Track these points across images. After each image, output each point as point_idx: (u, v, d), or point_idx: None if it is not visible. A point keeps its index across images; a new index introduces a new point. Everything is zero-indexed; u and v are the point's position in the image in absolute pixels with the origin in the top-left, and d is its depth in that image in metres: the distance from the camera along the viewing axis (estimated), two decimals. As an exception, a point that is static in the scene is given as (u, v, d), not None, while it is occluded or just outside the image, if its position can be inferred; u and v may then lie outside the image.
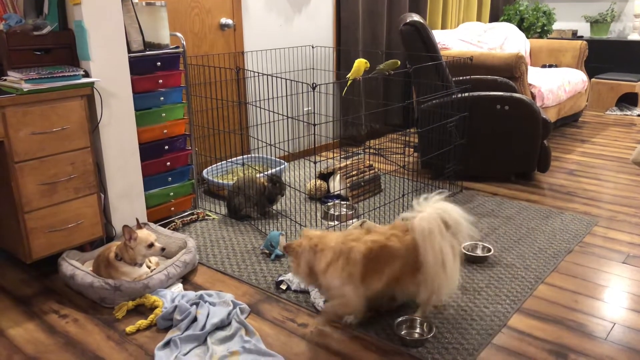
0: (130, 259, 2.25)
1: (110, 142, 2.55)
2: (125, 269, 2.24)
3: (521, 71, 3.91)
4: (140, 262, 2.28)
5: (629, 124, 5.21)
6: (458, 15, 5.47)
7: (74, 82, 2.30)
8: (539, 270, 2.44)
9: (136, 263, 2.27)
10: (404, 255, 1.93)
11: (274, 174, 3.08)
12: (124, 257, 2.25)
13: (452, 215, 1.95)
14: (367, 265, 1.90)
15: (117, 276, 2.23)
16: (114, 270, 2.23)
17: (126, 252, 2.24)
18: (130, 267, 2.25)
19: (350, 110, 4.46)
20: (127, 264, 2.25)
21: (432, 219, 1.91)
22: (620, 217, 3.03)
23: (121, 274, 2.23)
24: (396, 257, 1.93)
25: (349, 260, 1.89)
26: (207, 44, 3.48)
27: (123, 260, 2.24)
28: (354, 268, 1.89)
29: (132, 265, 2.26)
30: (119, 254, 2.25)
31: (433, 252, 1.88)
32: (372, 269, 1.91)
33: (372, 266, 1.90)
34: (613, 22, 6.23)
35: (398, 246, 1.93)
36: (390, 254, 1.93)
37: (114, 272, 2.23)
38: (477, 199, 3.32)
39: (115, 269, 2.23)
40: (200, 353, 1.90)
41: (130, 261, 2.25)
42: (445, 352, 1.88)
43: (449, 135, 3.36)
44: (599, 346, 1.92)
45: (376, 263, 1.91)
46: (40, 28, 2.37)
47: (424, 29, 3.47)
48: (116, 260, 2.24)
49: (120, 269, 2.23)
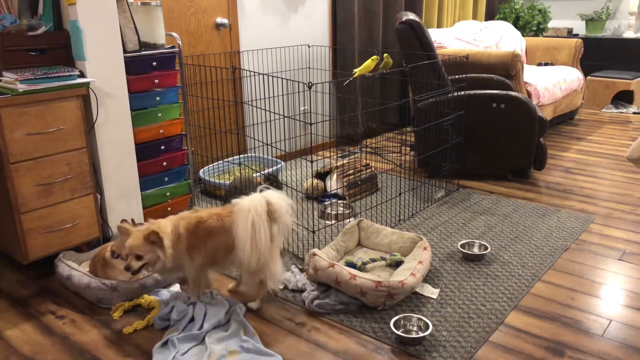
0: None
1: (106, 143, 2.54)
2: (122, 266, 2.23)
3: (517, 69, 3.92)
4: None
5: (625, 122, 5.23)
6: (454, 13, 5.47)
7: (70, 83, 2.29)
8: (536, 268, 2.45)
9: None
10: (220, 232, 2.05)
11: (271, 173, 3.07)
12: (122, 254, 2.24)
13: (277, 201, 2.02)
14: (189, 239, 2.03)
15: (113, 275, 2.22)
16: (110, 269, 2.23)
17: (123, 249, 2.24)
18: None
19: (346, 109, 4.46)
20: (124, 262, 2.24)
21: (256, 200, 2.00)
22: (617, 214, 3.05)
23: (118, 272, 2.22)
24: (213, 234, 2.05)
25: (179, 237, 2.02)
26: (203, 43, 3.48)
27: (120, 258, 2.24)
28: (181, 244, 2.03)
29: None
30: (115, 251, 2.25)
31: (244, 226, 1.96)
32: (192, 244, 2.04)
33: (194, 240, 2.04)
34: (608, 20, 6.25)
35: (216, 224, 2.06)
36: (207, 231, 2.05)
37: (111, 271, 2.23)
38: (474, 197, 3.32)
39: (111, 267, 2.23)
40: (198, 352, 1.89)
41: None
42: (443, 350, 1.88)
43: (445, 134, 3.36)
44: (596, 343, 1.92)
45: (197, 238, 2.04)
46: (35, 28, 2.37)
47: (420, 28, 3.48)
48: (113, 257, 2.24)
49: (117, 267, 2.23)
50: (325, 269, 2.16)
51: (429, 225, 2.92)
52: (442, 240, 2.74)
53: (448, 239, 2.75)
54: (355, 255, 2.57)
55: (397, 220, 2.99)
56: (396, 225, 2.93)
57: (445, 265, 2.48)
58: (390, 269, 2.41)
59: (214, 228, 2.06)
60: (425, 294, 2.24)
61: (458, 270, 2.44)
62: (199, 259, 2.07)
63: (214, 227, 2.06)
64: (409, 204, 3.23)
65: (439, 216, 3.05)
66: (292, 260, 2.55)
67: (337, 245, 2.51)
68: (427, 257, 2.33)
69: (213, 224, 2.06)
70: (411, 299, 2.20)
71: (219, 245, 2.07)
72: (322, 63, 4.32)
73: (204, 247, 2.06)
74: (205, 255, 2.07)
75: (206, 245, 2.06)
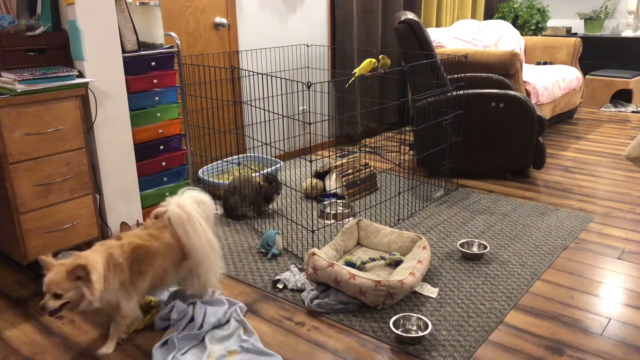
0: None
1: (105, 143, 2.54)
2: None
3: (516, 68, 3.92)
4: None
5: (624, 121, 5.23)
6: (452, 13, 5.47)
7: (68, 83, 2.29)
8: (535, 267, 2.45)
9: None
10: (166, 250, 1.94)
11: (270, 173, 3.08)
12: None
13: (203, 199, 1.99)
14: (131, 268, 1.87)
15: None
16: None
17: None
18: None
19: (345, 109, 4.46)
20: None
21: (188, 204, 1.94)
22: (615, 213, 3.05)
23: None
24: (159, 255, 1.93)
25: (116, 268, 1.83)
26: (202, 43, 3.48)
27: None
28: (123, 274, 1.84)
29: None
30: None
31: (197, 235, 1.91)
32: (136, 272, 1.88)
33: (136, 268, 1.88)
34: (607, 19, 6.25)
35: (157, 244, 1.93)
36: (150, 254, 1.91)
37: None
38: (473, 197, 3.32)
39: None
40: (198, 352, 1.89)
41: None
42: (442, 349, 1.88)
43: (444, 133, 3.36)
44: (595, 342, 1.93)
45: (139, 265, 1.88)
46: (34, 28, 2.37)
47: (419, 27, 3.48)
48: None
49: None
50: (325, 268, 2.16)
51: (428, 225, 2.92)
52: (442, 239, 2.74)
53: (447, 238, 2.75)
54: (355, 254, 2.57)
55: (396, 220, 2.99)
56: (395, 224, 2.93)
57: (444, 264, 2.48)
58: (389, 268, 2.41)
59: (157, 249, 1.92)
60: (425, 293, 2.24)
61: (457, 269, 2.44)
62: (144, 286, 1.92)
63: (157, 247, 1.93)
64: (408, 203, 3.23)
65: (438, 215, 3.05)
66: (291, 259, 2.55)
67: (337, 244, 2.51)
68: (426, 256, 2.33)
69: (155, 245, 1.92)
70: (410, 298, 2.21)
71: (168, 263, 1.96)
72: (321, 63, 4.32)
73: (151, 272, 1.92)
74: (151, 280, 1.93)
75: (154, 269, 1.92)
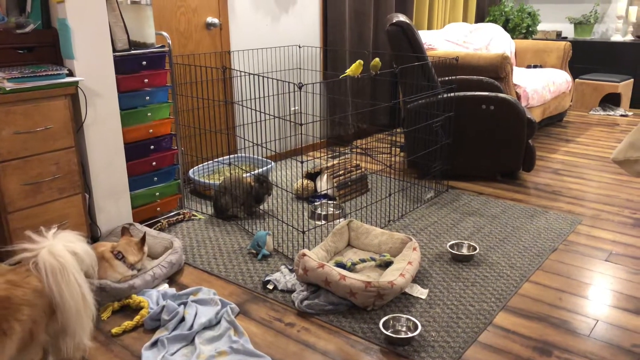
0: (133, 261, 2.27)
1: (95, 142, 2.53)
2: (121, 269, 2.24)
3: (506, 71, 3.95)
4: (137, 267, 2.30)
5: (612, 124, 5.28)
6: (444, 15, 5.50)
7: (58, 81, 2.27)
8: (524, 269, 2.46)
9: (134, 267, 2.29)
10: (33, 300, 1.57)
11: (261, 173, 3.07)
12: (127, 258, 2.26)
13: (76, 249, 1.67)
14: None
15: (108, 273, 2.21)
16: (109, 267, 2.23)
17: (133, 254, 2.27)
18: (127, 270, 2.25)
19: (337, 110, 4.46)
20: (124, 266, 2.25)
21: (62, 252, 1.62)
22: (604, 215, 3.07)
23: (112, 272, 2.22)
24: (22, 306, 1.54)
25: None
26: (193, 43, 3.47)
27: (124, 260, 2.25)
28: None
29: (129, 268, 2.27)
30: (122, 252, 2.25)
31: (70, 290, 1.61)
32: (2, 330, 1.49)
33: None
34: (596, 24, 6.31)
35: (20, 292, 1.56)
36: (15, 306, 1.53)
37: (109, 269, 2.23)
38: (463, 198, 3.34)
39: (111, 267, 2.23)
40: (187, 353, 1.89)
41: (131, 263, 2.27)
42: (432, 350, 1.89)
43: (435, 135, 3.38)
44: (583, 343, 1.94)
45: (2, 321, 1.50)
46: (23, 26, 2.35)
47: (410, 30, 3.49)
48: (116, 259, 2.24)
49: (117, 268, 2.23)
50: (315, 269, 2.16)
51: (418, 226, 2.93)
52: (432, 241, 2.75)
53: (437, 240, 2.76)
54: (345, 255, 2.57)
55: (386, 221, 2.99)
56: (386, 225, 2.94)
57: (434, 265, 2.49)
58: (379, 269, 2.41)
59: (22, 298, 1.55)
60: (415, 294, 2.24)
61: (447, 270, 2.45)
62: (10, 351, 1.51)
63: (21, 296, 1.55)
64: (399, 204, 3.24)
65: (429, 217, 3.06)
66: (281, 260, 2.55)
67: (327, 245, 2.51)
68: (416, 257, 2.34)
69: (17, 294, 1.55)
70: (400, 299, 2.21)
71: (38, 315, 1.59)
72: (312, 64, 4.33)
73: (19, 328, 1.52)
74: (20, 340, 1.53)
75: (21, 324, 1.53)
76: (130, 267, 2.26)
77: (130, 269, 2.26)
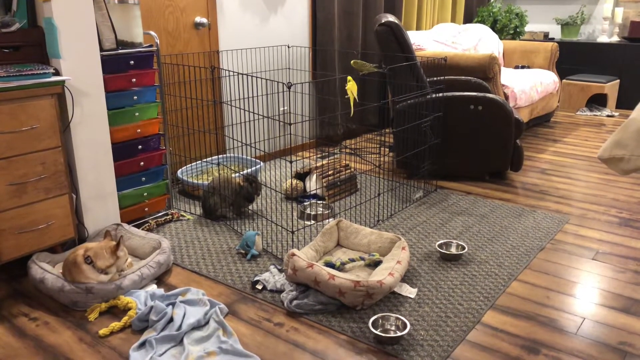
0: (104, 266, 2.16)
1: (82, 142, 2.50)
2: (90, 274, 2.14)
3: (494, 72, 3.97)
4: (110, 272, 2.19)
5: (599, 124, 5.33)
6: (433, 16, 5.52)
7: (44, 81, 2.25)
8: (512, 268, 2.48)
9: (106, 272, 2.17)
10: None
11: (250, 173, 3.06)
12: (96, 263, 2.14)
13: None
14: None
15: (77, 277, 2.13)
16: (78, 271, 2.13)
17: (103, 258, 2.15)
18: (97, 274, 2.15)
19: (326, 110, 4.46)
20: (94, 270, 2.14)
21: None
22: (591, 214, 3.10)
23: (80, 276, 2.13)
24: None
25: None
26: (182, 42, 3.45)
27: (93, 265, 2.14)
28: None
29: (100, 272, 2.16)
30: (91, 257, 2.14)
31: None
32: None
33: None
34: (583, 25, 6.37)
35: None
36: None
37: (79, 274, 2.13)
38: (452, 198, 3.35)
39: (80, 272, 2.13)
40: (176, 353, 1.87)
41: (102, 268, 2.15)
42: (420, 349, 1.90)
43: (423, 135, 3.39)
44: (570, 341, 1.96)
45: None
46: (9, 25, 2.32)
47: (399, 30, 3.50)
48: (85, 263, 2.13)
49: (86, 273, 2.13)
50: (304, 269, 2.16)
51: (407, 226, 2.94)
52: (420, 240, 2.76)
53: (426, 239, 2.77)
54: (335, 255, 2.57)
55: (376, 221, 3.00)
56: (375, 225, 2.94)
57: (423, 265, 2.50)
58: (368, 269, 2.42)
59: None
60: (404, 293, 2.25)
61: (436, 270, 2.46)
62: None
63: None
64: (388, 204, 3.24)
65: (417, 216, 3.07)
66: (271, 260, 2.54)
67: (316, 245, 2.51)
68: (405, 257, 2.34)
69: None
70: (389, 298, 2.22)
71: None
72: (301, 64, 4.32)
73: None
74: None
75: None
76: (101, 272, 2.15)
77: (101, 274, 2.15)
